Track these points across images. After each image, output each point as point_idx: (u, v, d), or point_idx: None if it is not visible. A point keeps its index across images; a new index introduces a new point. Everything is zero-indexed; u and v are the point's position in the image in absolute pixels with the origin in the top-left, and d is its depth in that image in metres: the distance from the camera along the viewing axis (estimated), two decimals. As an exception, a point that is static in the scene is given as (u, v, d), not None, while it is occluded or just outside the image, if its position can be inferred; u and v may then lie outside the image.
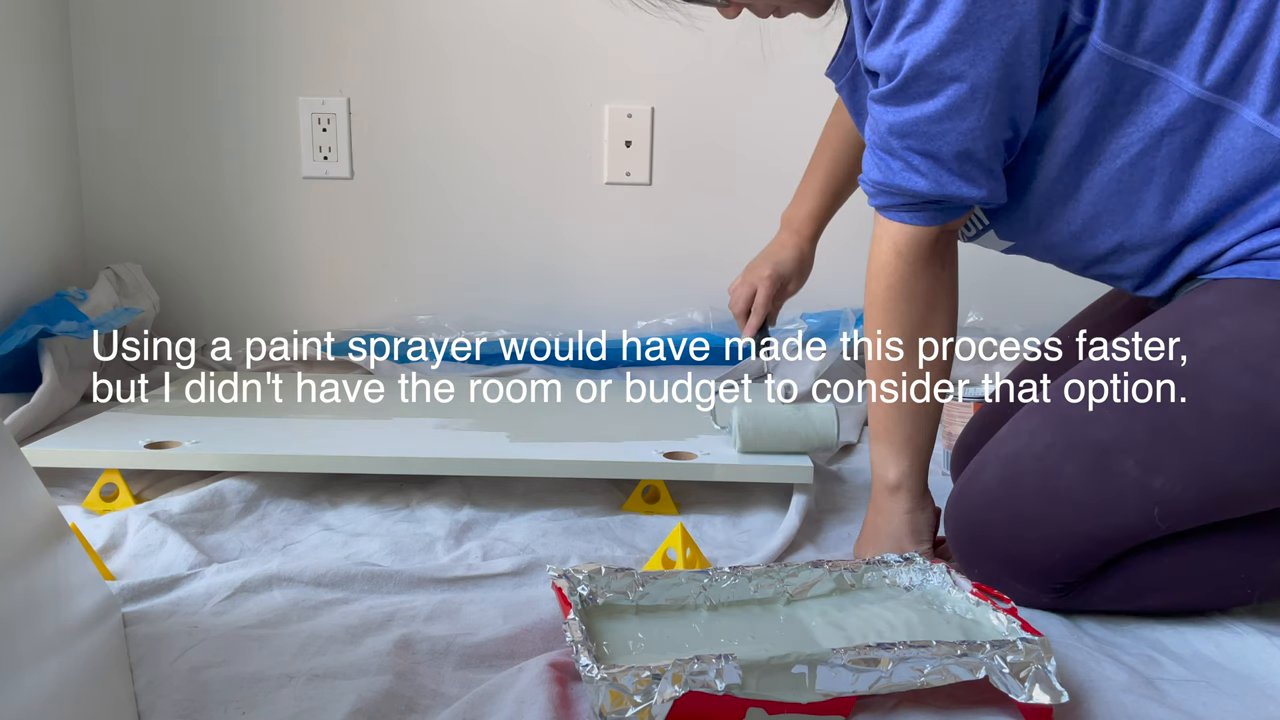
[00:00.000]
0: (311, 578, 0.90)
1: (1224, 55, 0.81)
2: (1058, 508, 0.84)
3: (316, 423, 1.28)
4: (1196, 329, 0.82)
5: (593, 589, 0.82)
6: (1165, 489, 0.81)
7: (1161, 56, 0.82)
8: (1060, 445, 0.85)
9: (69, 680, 0.63)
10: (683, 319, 1.79)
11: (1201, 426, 0.80)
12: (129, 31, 1.75)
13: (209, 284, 1.82)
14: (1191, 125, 0.82)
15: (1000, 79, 0.81)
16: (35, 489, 0.70)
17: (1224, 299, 0.83)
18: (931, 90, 0.82)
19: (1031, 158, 0.88)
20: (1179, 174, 0.84)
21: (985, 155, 0.85)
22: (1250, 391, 0.78)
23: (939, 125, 0.83)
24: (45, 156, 1.68)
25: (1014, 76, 0.81)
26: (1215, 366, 0.80)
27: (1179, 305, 0.86)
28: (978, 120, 0.82)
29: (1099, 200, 0.87)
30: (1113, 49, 0.82)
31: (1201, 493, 0.81)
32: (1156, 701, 0.75)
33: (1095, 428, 0.84)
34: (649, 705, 0.66)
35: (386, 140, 1.79)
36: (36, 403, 1.36)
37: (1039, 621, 0.86)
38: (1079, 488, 0.83)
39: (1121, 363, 0.85)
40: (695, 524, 1.10)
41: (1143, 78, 0.82)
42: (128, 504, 1.10)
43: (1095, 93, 0.83)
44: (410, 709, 0.72)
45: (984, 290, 1.73)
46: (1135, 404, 0.82)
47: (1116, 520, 0.83)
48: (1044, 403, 0.89)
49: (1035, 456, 0.86)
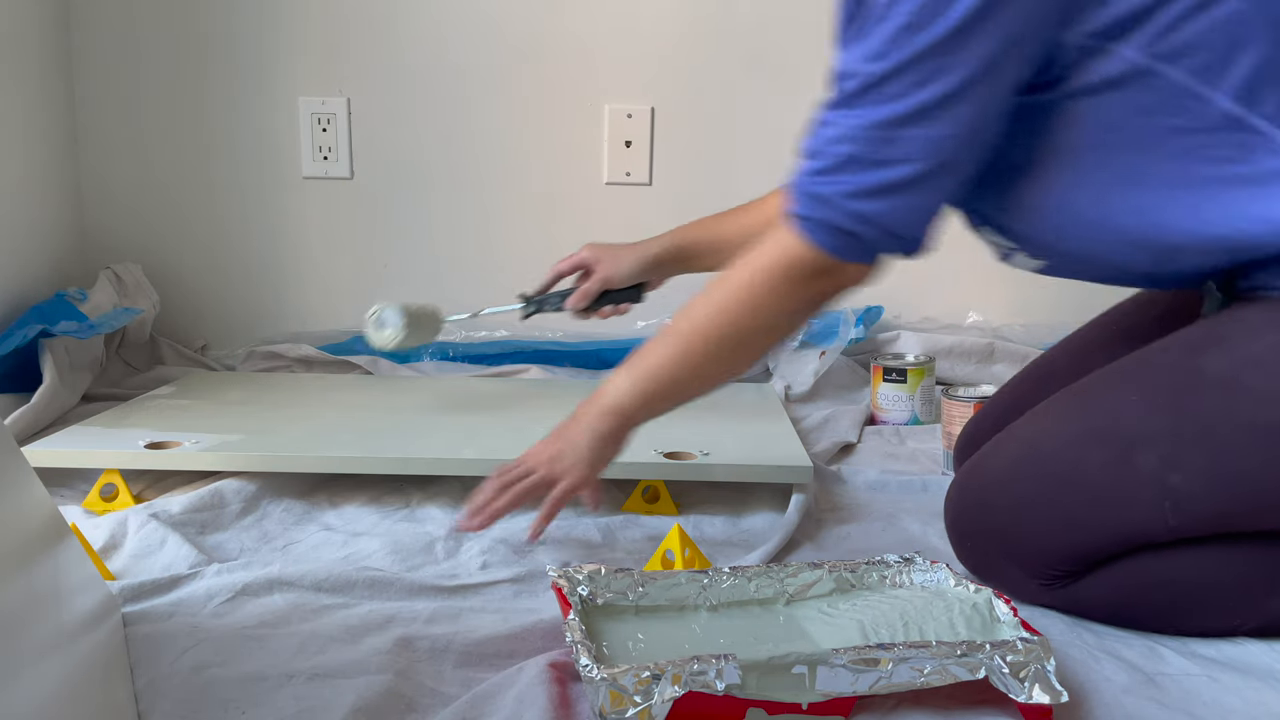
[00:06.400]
0: (312, 583, 0.90)
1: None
2: (1072, 492, 0.85)
3: (316, 423, 1.28)
4: (1240, 338, 0.83)
5: (593, 589, 0.82)
6: (1182, 486, 0.81)
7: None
8: (1087, 434, 0.86)
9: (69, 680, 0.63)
10: (683, 319, 1.79)
11: (1230, 431, 0.80)
12: (129, 31, 1.75)
13: (209, 284, 1.82)
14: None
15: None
16: (35, 489, 0.70)
17: (1265, 313, 0.83)
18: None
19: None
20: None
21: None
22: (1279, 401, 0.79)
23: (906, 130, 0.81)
24: (45, 157, 1.68)
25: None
26: (1254, 376, 0.80)
27: (1224, 315, 0.87)
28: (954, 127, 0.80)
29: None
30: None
31: (1216, 495, 0.81)
32: (1156, 702, 0.75)
33: (1125, 421, 0.84)
34: (649, 705, 0.66)
35: (386, 140, 1.79)
36: (36, 403, 1.36)
37: (1039, 621, 0.86)
38: (1097, 475, 0.84)
39: (1159, 364, 0.85)
40: (695, 524, 1.10)
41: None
42: (128, 504, 1.10)
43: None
44: (410, 708, 0.72)
45: (984, 290, 1.73)
46: (1169, 403, 0.83)
47: (1127, 512, 0.83)
48: (1074, 395, 0.89)
49: (1061, 441, 0.86)
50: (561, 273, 1.30)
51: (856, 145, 0.80)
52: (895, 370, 1.51)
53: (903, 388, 1.51)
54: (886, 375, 1.52)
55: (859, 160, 0.80)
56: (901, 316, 1.81)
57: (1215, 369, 0.82)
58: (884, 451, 1.39)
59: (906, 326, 1.78)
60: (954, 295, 1.79)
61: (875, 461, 1.33)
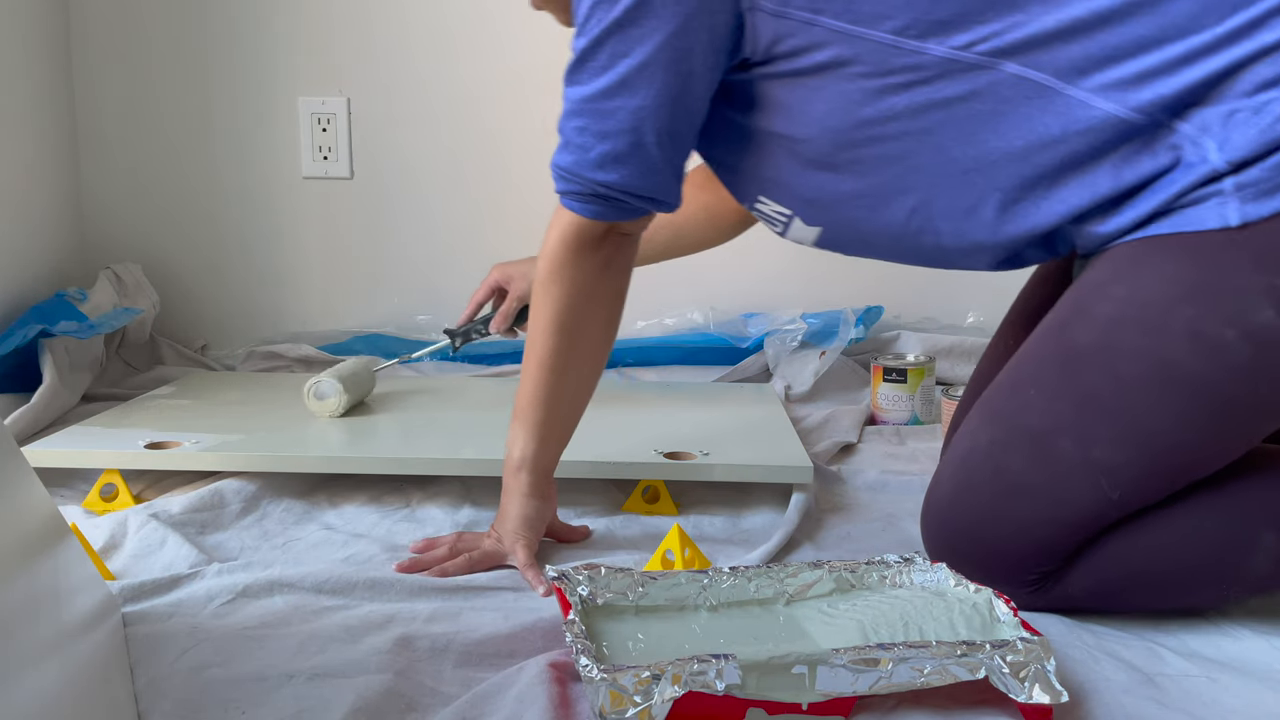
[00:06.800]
0: (313, 584, 0.90)
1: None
2: (1014, 500, 0.86)
3: (316, 423, 1.28)
4: (1093, 304, 0.85)
5: (593, 589, 0.82)
6: (1105, 458, 0.83)
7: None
8: (1001, 440, 0.87)
9: (69, 680, 0.63)
10: (683, 319, 1.79)
11: (1120, 394, 0.82)
12: (129, 31, 1.75)
13: (209, 284, 1.82)
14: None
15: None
16: (35, 489, 0.70)
17: (1109, 269, 0.86)
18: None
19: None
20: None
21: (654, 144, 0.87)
22: (1152, 350, 0.81)
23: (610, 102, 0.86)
24: (45, 157, 1.69)
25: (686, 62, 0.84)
26: (1116, 335, 0.83)
27: (1074, 287, 0.89)
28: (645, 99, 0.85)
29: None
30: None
31: (1139, 456, 0.82)
32: (1156, 701, 0.75)
33: (1028, 417, 0.86)
34: (649, 705, 0.66)
35: (386, 140, 1.79)
36: (36, 403, 1.36)
37: (1039, 621, 0.86)
38: (1028, 477, 0.85)
39: (1040, 354, 0.88)
40: (695, 524, 1.10)
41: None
42: (128, 504, 1.10)
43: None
44: (410, 708, 0.72)
45: (984, 290, 1.73)
46: (1057, 386, 0.85)
47: (1071, 500, 0.84)
48: (981, 402, 0.91)
49: (983, 454, 0.88)
50: (480, 301, 1.35)
51: (582, 119, 0.87)
52: (895, 370, 1.51)
53: (903, 388, 1.51)
54: (886, 375, 1.52)
55: (588, 133, 0.87)
56: (901, 316, 1.81)
57: (1086, 340, 0.84)
58: (884, 451, 1.39)
59: (906, 326, 1.78)
60: (954, 295, 1.79)
61: (875, 461, 1.33)
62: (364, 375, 1.36)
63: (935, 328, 1.78)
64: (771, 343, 1.69)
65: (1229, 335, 0.79)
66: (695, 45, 0.84)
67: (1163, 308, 0.81)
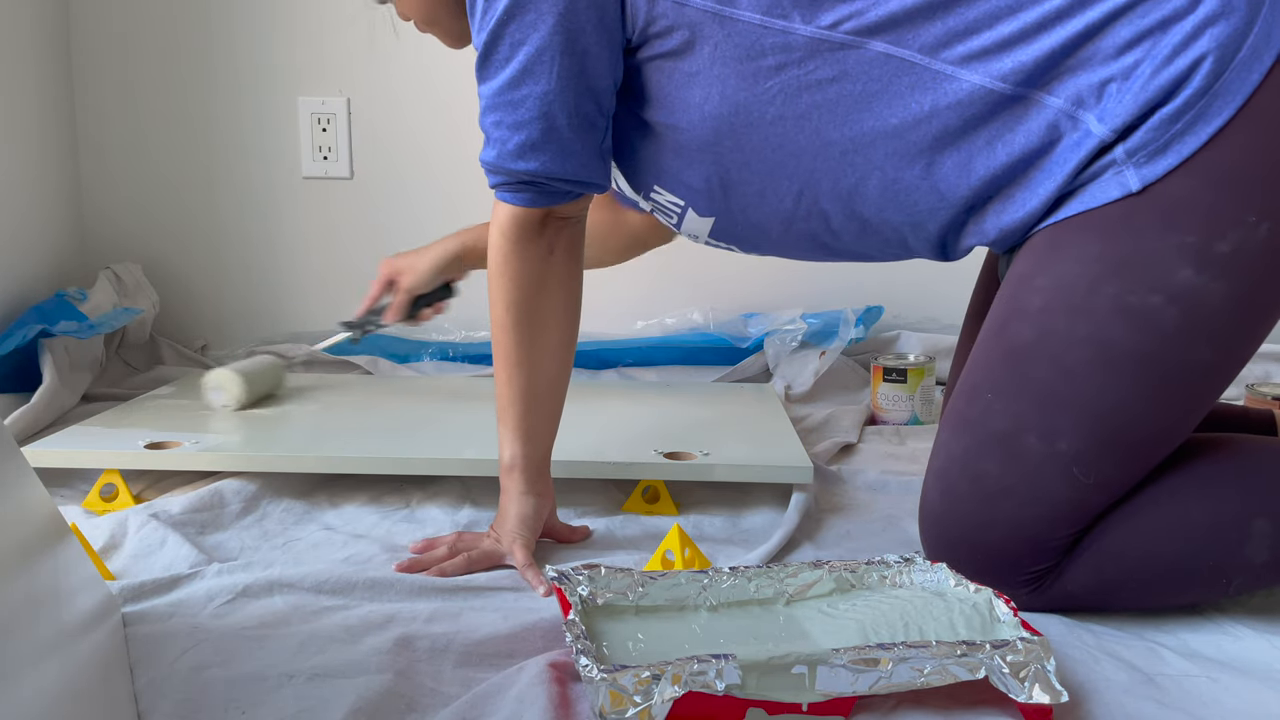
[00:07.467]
0: (313, 584, 0.90)
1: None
2: (998, 503, 0.86)
3: (316, 423, 1.28)
4: (1023, 298, 0.86)
5: (593, 589, 0.82)
6: (1071, 448, 0.83)
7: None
8: (974, 448, 0.88)
9: (69, 680, 0.63)
10: (683, 319, 1.79)
11: (1069, 383, 0.83)
12: (129, 31, 1.75)
13: (209, 284, 1.82)
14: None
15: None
16: (35, 489, 0.70)
17: (1031, 261, 0.87)
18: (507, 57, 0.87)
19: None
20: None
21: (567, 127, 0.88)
22: (1087, 333, 0.82)
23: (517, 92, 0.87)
24: (45, 157, 1.69)
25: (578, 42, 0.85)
26: (1051, 326, 0.84)
27: (1005, 284, 0.90)
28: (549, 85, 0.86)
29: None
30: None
31: (1102, 440, 0.83)
32: (1156, 701, 0.75)
33: (992, 421, 0.87)
34: (649, 705, 0.66)
35: (386, 140, 1.79)
36: (36, 403, 1.36)
37: (1039, 621, 0.86)
38: (1005, 480, 0.86)
39: (985, 355, 0.89)
40: (695, 524, 1.10)
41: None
42: (128, 504, 1.10)
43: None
44: (410, 708, 0.72)
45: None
46: (1010, 387, 0.86)
47: (1049, 494, 0.84)
48: (948, 412, 0.92)
49: (959, 465, 0.89)
50: (375, 296, 1.36)
51: (497, 113, 0.89)
52: (895, 370, 1.51)
53: (903, 388, 1.51)
54: (887, 375, 1.52)
55: (504, 125, 0.89)
56: (901, 316, 1.81)
57: (1025, 337, 0.85)
58: (884, 451, 1.39)
59: (906, 326, 1.78)
60: (954, 295, 1.78)
61: (875, 461, 1.33)
62: (267, 368, 1.39)
63: (935, 328, 1.78)
64: (771, 343, 1.69)
65: (1155, 301, 0.80)
66: (586, 24, 0.85)
67: (1087, 289, 0.82)
